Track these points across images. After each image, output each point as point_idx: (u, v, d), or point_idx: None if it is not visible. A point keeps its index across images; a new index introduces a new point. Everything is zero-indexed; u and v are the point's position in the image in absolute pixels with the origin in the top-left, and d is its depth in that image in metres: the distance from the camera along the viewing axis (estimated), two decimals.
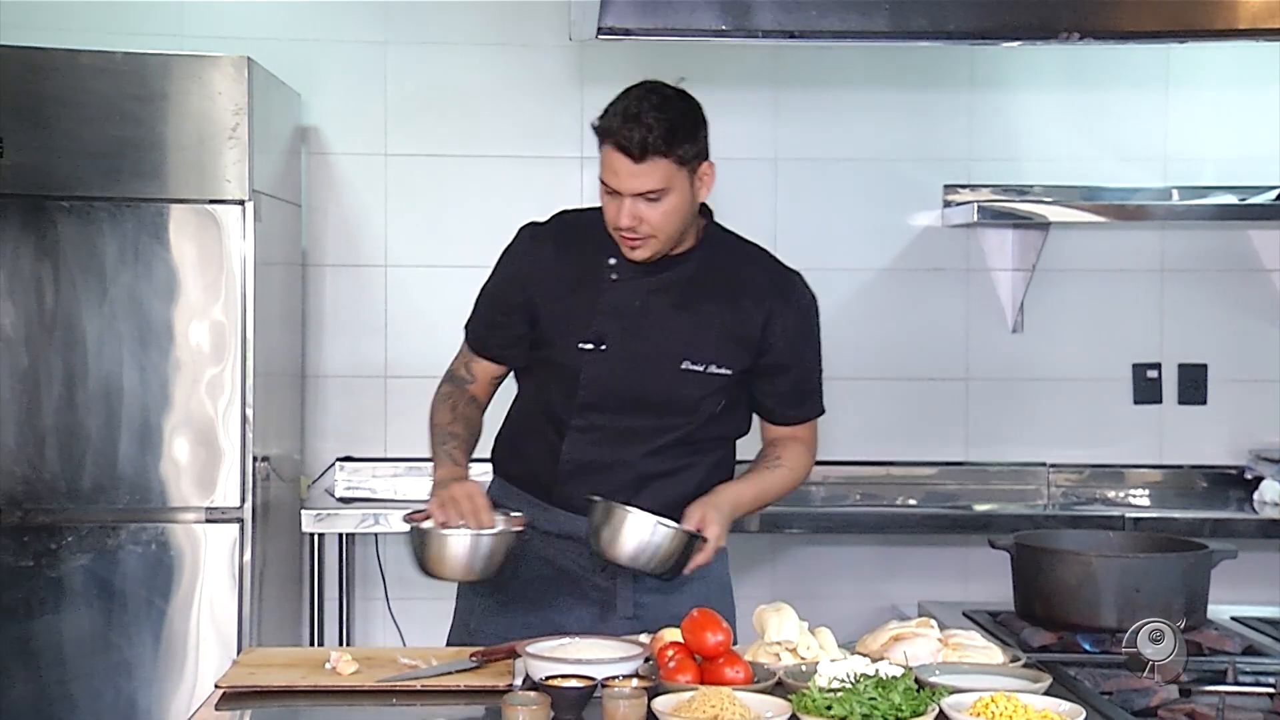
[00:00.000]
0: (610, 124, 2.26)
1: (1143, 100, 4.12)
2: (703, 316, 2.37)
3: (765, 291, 2.42)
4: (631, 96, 2.29)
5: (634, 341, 2.35)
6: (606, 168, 2.28)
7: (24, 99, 3.29)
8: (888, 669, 1.89)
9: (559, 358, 2.38)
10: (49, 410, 3.30)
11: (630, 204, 2.25)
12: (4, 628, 3.27)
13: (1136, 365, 4.14)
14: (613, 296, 2.36)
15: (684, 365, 2.36)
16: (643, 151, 2.23)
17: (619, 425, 2.36)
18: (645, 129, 2.23)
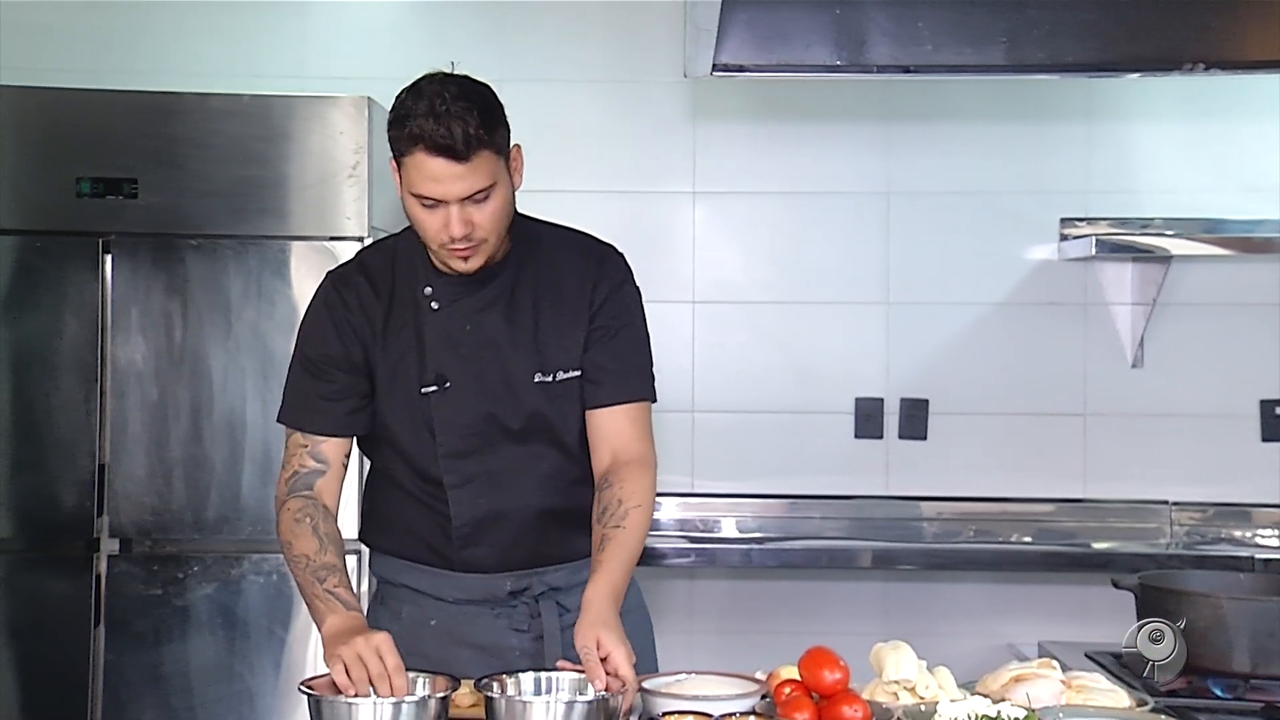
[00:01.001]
0: (419, 128, 2.02)
1: (1265, 130, 4.02)
2: (538, 321, 2.20)
3: (584, 270, 2.25)
4: (425, 93, 2.05)
5: (476, 369, 2.18)
6: (422, 177, 2.04)
7: (157, 141, 3.39)
8: (1009, 710, 1.86)
9: (404, 410, 2.20)
10: (176, 443, 3.39)
11: (459, 210, 2.06)
12: (135, 654, 3.35)
13: (1264, 401, 4.03)
14: (439, 327, 2.19)
15: (536, 379, 2.19)
16: (467, 148, 2.01)
17: (494, 465, 2.19)
18: (461, 123, 2.01)
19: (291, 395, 2.28)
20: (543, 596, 2.27)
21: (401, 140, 2.07)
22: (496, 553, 2.24)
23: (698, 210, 4.08)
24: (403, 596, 2.32)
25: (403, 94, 2.11)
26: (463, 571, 2.24)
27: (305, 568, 2.16)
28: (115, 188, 3.38)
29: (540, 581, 2.28)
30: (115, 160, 3.38)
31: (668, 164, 4.06)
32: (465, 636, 2.26)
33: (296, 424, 2.26)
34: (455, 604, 2.26)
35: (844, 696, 1.95)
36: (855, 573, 3.93)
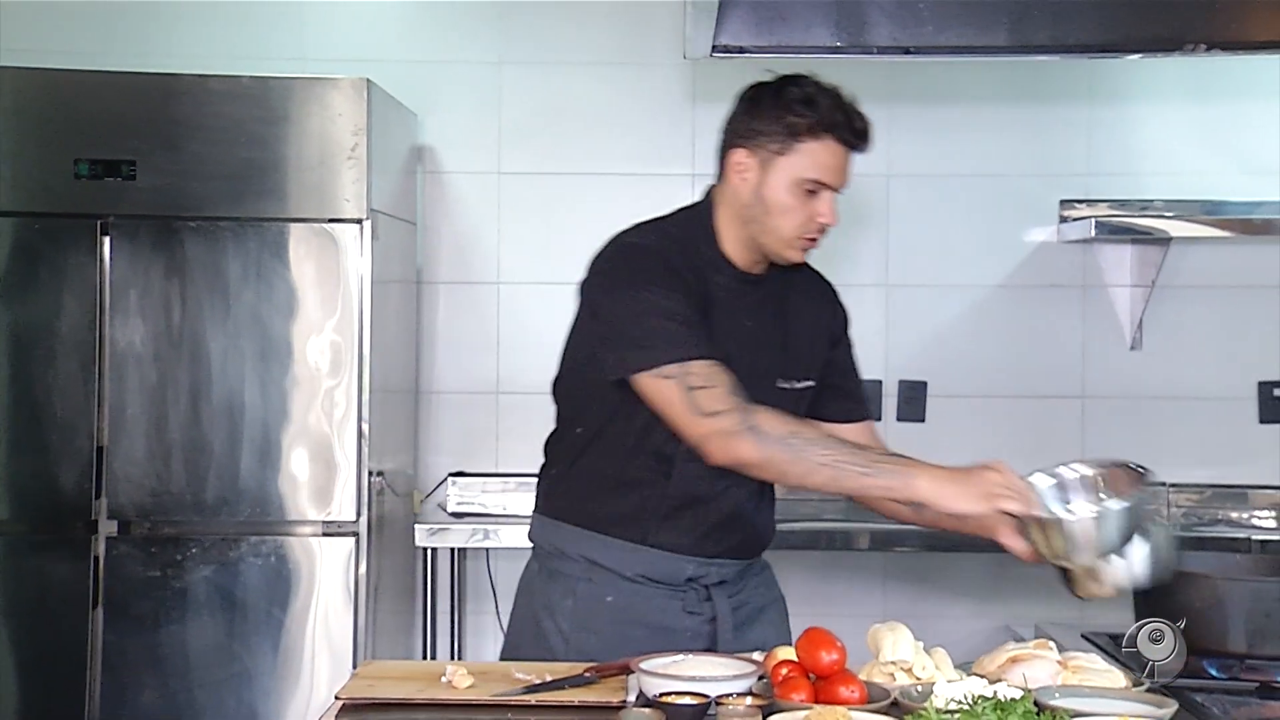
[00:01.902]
0: (831, 117, 2.16)
1: (1267, 112, 4.02)
2: (791, 330, 2.29)
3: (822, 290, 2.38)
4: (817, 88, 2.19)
5: (743, 362, 2.20)
6: (821, 163, 2.16)
7: (156, 123, 3.39)
8: (1006, 691, 1.86)
9: None
10: (175, 425, 3.38)
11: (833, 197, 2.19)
12: (133, 635, 3.36)
13: (1263, 383, 4.03)
14: (726, 317, 2.23)
15: (779, 384, 2.27)
16: (865, 141, 2.18)
17: None
18: (863, 119, 2.18)
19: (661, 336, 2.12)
20: (715, 586, 2.31)
21: (812, 126, 2.15)
22: (691, 537, 2.28)
23: (698, 192, 4.04)
24: (578, 571, 2.31)
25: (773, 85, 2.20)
26: (654, 548, 2.26)
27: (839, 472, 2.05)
28: (114, 169, 3.38)
29: (716, 572, 2.32)
30: (114, 142, 3.38)
31: (668, 146, 4.05)
32: (640, 615, 2.26)
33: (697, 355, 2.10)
34: (633, 581, 2.27)
35: (841, 677, 1.95)
36: (853, 554, 3.94)
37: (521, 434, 4.05)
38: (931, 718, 1.78)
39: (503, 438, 4.09)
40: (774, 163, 2.19)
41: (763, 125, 2.19)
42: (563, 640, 2.30)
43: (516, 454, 4.04)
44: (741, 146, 2.22)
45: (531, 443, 4.40)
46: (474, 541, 3.70)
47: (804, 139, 2.16)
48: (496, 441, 4.09)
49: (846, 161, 2.20)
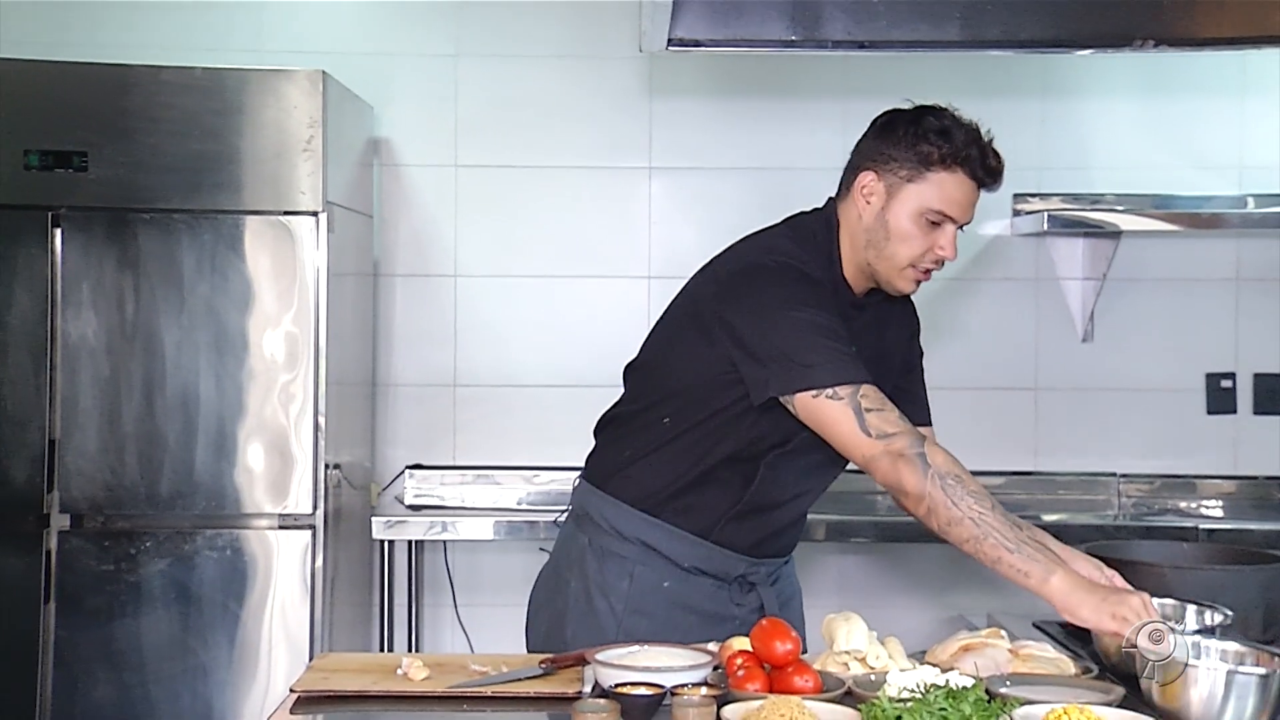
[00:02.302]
0: (965, 151, 2.18)
1: (1217, 107, 4.06)
2: (887, 348, 2.36)
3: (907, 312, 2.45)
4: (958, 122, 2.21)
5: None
6: (948, 196, 2.19)
7: (108, 114, 3.35)
8: (958, 679, 1.88)
9: None
10: (129, 418, 3.36)
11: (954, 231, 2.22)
12: (86, 630, 3.33)
13: (1210, 375, 4.08)
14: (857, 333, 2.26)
15: None
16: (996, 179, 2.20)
17: (801, 463, 2.29)
18: (997, 157, 2.20)
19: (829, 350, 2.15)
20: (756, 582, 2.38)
21: (944, 156, 2.18)
22: (752, 539, 2.34)
23: (654, 185, 4.07)
24: (635, 555, 2.33)
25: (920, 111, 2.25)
26: (715, 544, 2.31)
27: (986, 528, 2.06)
28: (65, 160, 3.34)
29: (763, 571, 2.39)
30: (65, 133, 3.34)
31: (624, 139, 4.05)
32: (693, 602, 2.32)
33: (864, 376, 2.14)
34: (688, 571, 2.31)
35: (795, 667, 1.96)
36: (809, 545, 3.93)
37: (479, 427, 4.05)
38: (884, 706, 1.80)
39: (460, 430, 4.07)
40: (902, 189, 2.22)
41: (895, 151, 2.22)
42: (615, 621, 2.32)
43: (474, 447, 4.03)
44: (871, 170, 2.26)
45: (488, 435, 4.42)
46: (431, 534, 3.70)
47: (935, 169, 2.19)
48: (454, 434, 4.08)
49: (974, 197, 2.22)
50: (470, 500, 3.95)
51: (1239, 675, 1.77)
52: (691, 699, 1.82)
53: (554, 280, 4.04)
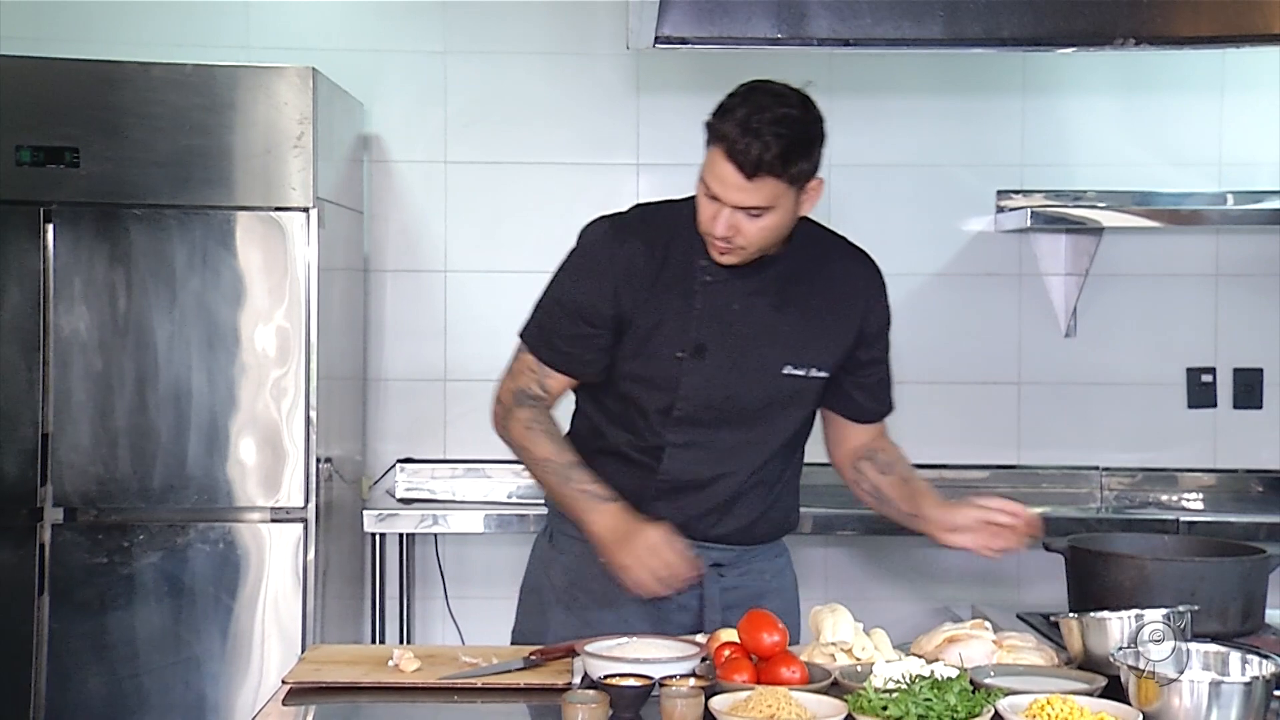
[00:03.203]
0: (726, 130, 2.07)
1: (1197, 105, 4.07)
2: (802, 317, 2.25)
3: (861, 285, 2.33)
4: (753, 104, 2.08)
5: (735, 347, 2.21)
6: (712, 172, 2.10)
7: (99, 111, 3.34)
8: (943, 670, 1.88)
9: (650, 369, 2.21)
10: (121, 412, 3.34)
11: (730, 214, 2.10)
12: (79, 623, 3.32)
13: (1191, 369, 4.09)
14: (709, 299, 2.20)
15: (785, 370, 2.24)
16: (755, 169, 2.06)
17: (718, 439, 2.24)
18: (762, 146, 2.05)
19: (541, 325, 2.29)
20: (708, 569, 2.31)
21: (713, 131, 2.10)
22: (682, 517, 2.27)
23: (641, 181, 4.06)
24: (573, 531, 2.31)
25: (741, 88, 2.14)
26: None
27: (549, 470, 2.24)
28: (56, 156, 3.32)
29: (708, 555, 2.31)
30: (56, 129, 3.32)
31: (612, 135, 4.05)
32: None
33: (536, 352, 2.28)
34: None
35: (782, 658, 1.96)
36: (796, 538, 3.90)
37: (469, 421, 4.04)
38: (870, 697, 1.80)
39: (450, 424, 4.07)
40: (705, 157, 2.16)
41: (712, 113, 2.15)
42: (554, 595, 2.32)
43: (464, 440, 4.03)
44: None
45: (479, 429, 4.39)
46: (422, 527, 3.69)
47: (710, 142, 2.12)
48: (444, 428, 4.07)
49: (737, 180, 2.07)
50: (461, 493, 3.94)
51: (1224, 685, 1.77)
52: (680, 690, 1.82)
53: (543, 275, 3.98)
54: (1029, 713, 1.80)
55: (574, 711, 1.77)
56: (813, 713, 1.80)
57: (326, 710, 1.95)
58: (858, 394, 2.37)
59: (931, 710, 1.75)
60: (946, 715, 1.75)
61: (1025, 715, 1.79)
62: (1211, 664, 1.88)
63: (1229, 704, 1.76)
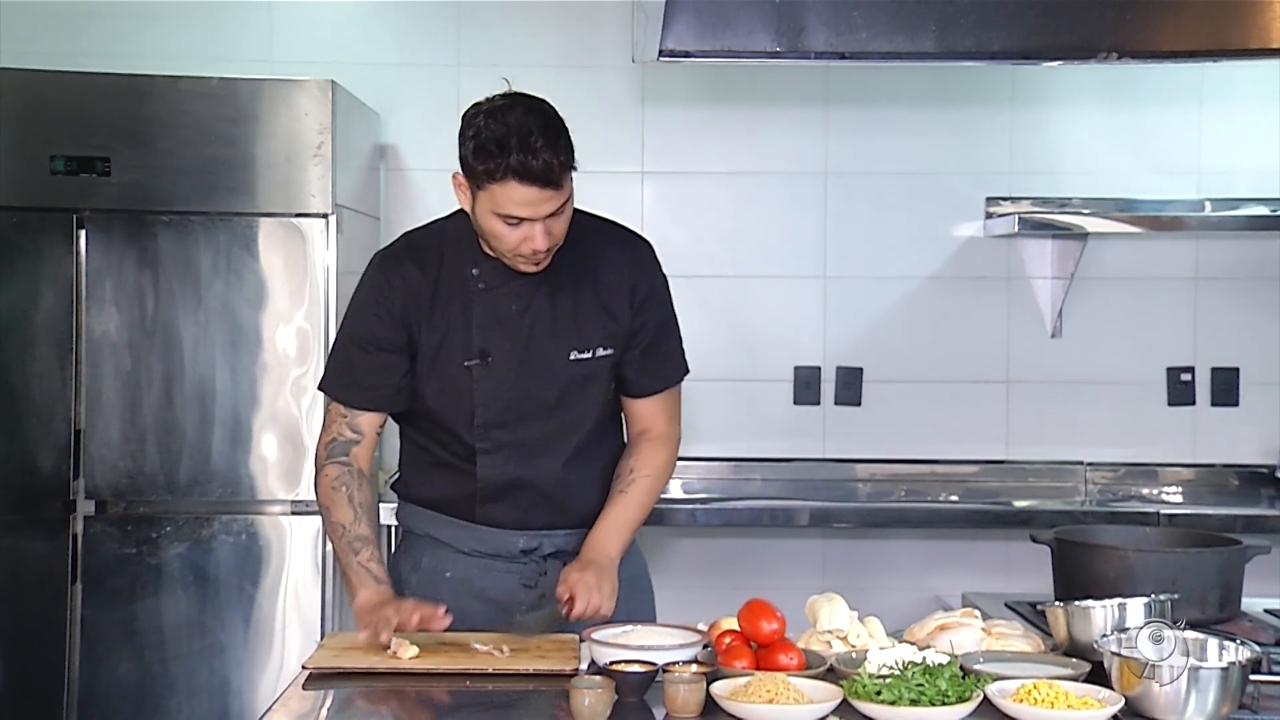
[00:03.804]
0: (512, 162, 2.05)
1: (1177, 116, 4.06)
2: (577, 303, 2.24)
3: (624, 262, 2.29)
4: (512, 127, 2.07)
5: (519, 347, 2.21)
6: (513, 202, 2.07)
7: (130, 122, 3.34)
8: (934, 657, 1.88)
9: (445, 382, 2.21)
10: (149, 409, 3.35)
11: (543, 226, 2.10)
12: (110, 610, 3.33)
13: (1171, 369, 4.08)
14: (487, 306, 2.21)
15: (572, 356, 2.23)
16: (559, 178, 2.08)
17: (526, 436, 2.23)
18: (551, 154, 2.06)
19: (335, 368, 2.29)
20: (551, 556, 2.30)
21: (493, 173, 2.07)
22: (515, 513, 2.27)
23: (646, 189, 4.06)
24: (424, 546, 2.33)
25: (480, 120, 2.11)
26: (482, 525, 2.27)
27: (341, 537, 2.22)
28: (89, 166, 3.33)
29: (550, 543, 2.30)
30: (89, 139, 3.33)
31: (618, 145, 4.05)
32: (478, 590, 2.28)
33: (338, 397, 2.27)
34: (471, 555, 2.28)
35: (780, 645, 1.96)
36: (794, 530, 3.96)
37: None
38: (865, 682, 1.80)
39: None
40: (478, 196, 2.13)
41: (466, 158, 2.12)
42: None
43: None
44: (459, 171, 2.16)
45: None
46: None
47: (490, 182, 2.09)
48: None
49: (542, 195, 2.08)
50: None
51: (1202, 670, 1.77)
52: (682, 675, 1.82)
53: None
54: (1016, 697, 1.80)
55: (581, 696, 1.77)
56: (810, 697, 1.79)
57: (345, 694, 1.96)
58: (625, 368, 2.30)
59: (923, 695, 1.75)
60: (938, 700, 1.75)
61: (1013, 699, 1.79)
62: (1190, 650, 1.87)
63: (1207, 688, 1.76)
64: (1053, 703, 1.77)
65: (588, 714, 1.76)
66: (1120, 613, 1.99)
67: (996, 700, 1.79)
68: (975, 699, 1.77)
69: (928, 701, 1.75)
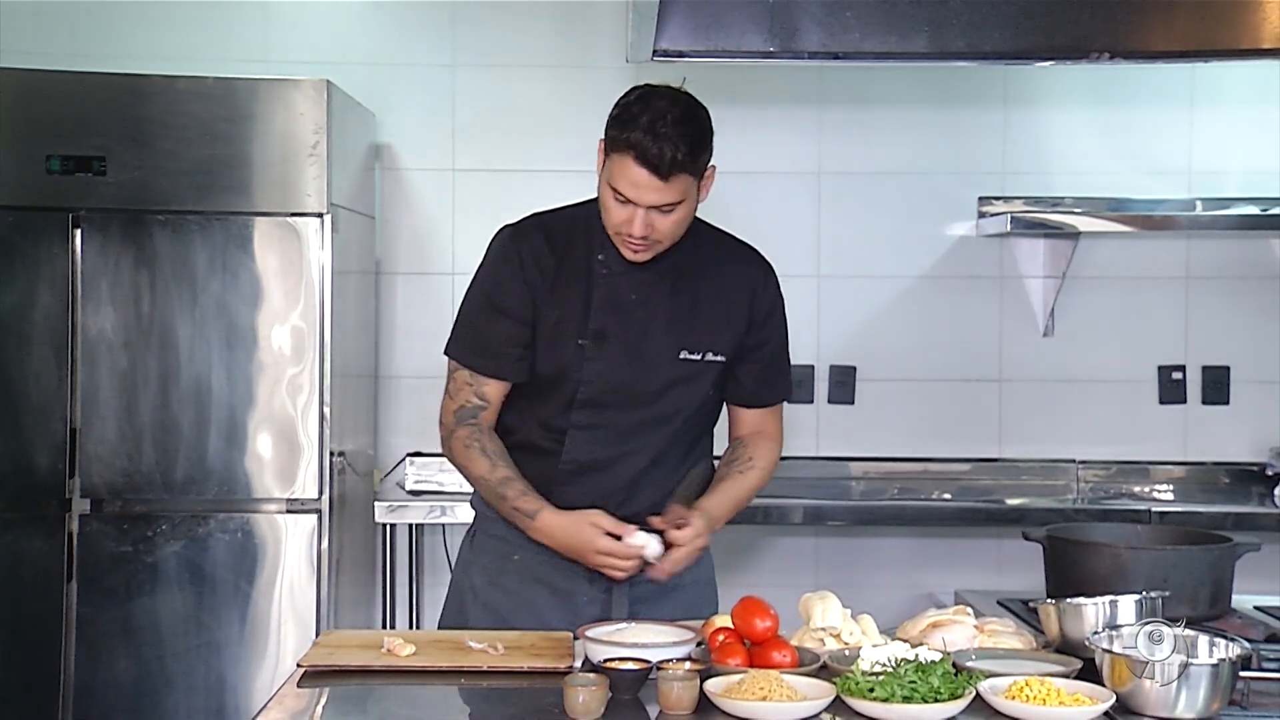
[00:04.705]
0: (634, 137, 2.09)
1: (1168, 116, 4.07)
2: (695, 305, 2.26)
3: (747, 274, 2.32)
4: (653, 108, 2.11)
5: (633, 334, 2.23)
6: (623, 179, 2.11)
7: (125, 121, 3.33)
8: (927, 654, 1.88)
9: (556, 358, 2.23)
10: (145, 408, 3.34)
11: (645, 214, 2.12)
12: (106, 608, 3.32)
13: (1162, 367, 4.09)
14: (608, 290, 2.23)
15: (681, 355, 2.25)
16: (670, 169, 2.09)
17: (620, 421, 2.24)
18: (673, 147, 2.08)
19: (462, 335, 2.30)
20: None
21: (618, 142, 2.12)
22: (589, 499, 2.25)
23: None
24: (492, 530, 2.32)
25: (632, 96, 2.16)
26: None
27: (486, 488, 2.24)
28: (85, 165, 3.32)
29: None
30: (85, 139, 3.32)
31: None
32: (543, 576, 2.27)
33: (469, 363, 2.28)
34: (538, 543, 2.25)
35: (774, 643, 1.96)
36: (787, 528, 3.96)
37: None
38: (858, 679, 1.79)
39: None
40: (606, 163, 2.17)
41: (609, 123, 2.16)
42: (473, 595, 2.31)
43: None
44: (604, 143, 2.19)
45: None
46: (431, 518, 3.69)
47: (614, 151, 2.13)
48: None
49: (652, 181, 2.10)
50: (467, 486, 3.89)
51: (1193, 667, 1.77)
52: (676, 673, 1.81)
53: None
54: (1009, 694, 1.79)
55: (575, 693, 1.76)
56: (803, 695, 1.79)
57: (340, 692, 1.95)
58: (743, 378, 2.33)
59: (916, 692, 1.75)
60: (930, 697, 1.75)
61: (1005, 696, 1.79)
62: (1181, 646, 1.87)
63: (1198, 684, 1.76)
64: (1044, 700, 1.77)
65: (582, 711, 1.76)
66: (1112, 610, 1.99)
67: (988, 697, 1.79)
68: (967, 696, 1.77)
69: (920, 698, 1.74)
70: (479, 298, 2.30)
